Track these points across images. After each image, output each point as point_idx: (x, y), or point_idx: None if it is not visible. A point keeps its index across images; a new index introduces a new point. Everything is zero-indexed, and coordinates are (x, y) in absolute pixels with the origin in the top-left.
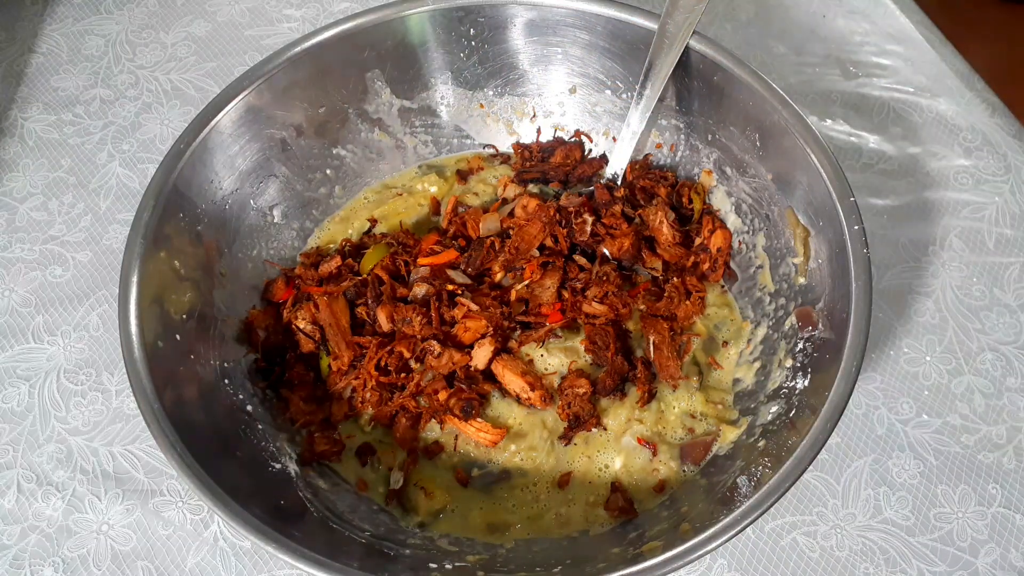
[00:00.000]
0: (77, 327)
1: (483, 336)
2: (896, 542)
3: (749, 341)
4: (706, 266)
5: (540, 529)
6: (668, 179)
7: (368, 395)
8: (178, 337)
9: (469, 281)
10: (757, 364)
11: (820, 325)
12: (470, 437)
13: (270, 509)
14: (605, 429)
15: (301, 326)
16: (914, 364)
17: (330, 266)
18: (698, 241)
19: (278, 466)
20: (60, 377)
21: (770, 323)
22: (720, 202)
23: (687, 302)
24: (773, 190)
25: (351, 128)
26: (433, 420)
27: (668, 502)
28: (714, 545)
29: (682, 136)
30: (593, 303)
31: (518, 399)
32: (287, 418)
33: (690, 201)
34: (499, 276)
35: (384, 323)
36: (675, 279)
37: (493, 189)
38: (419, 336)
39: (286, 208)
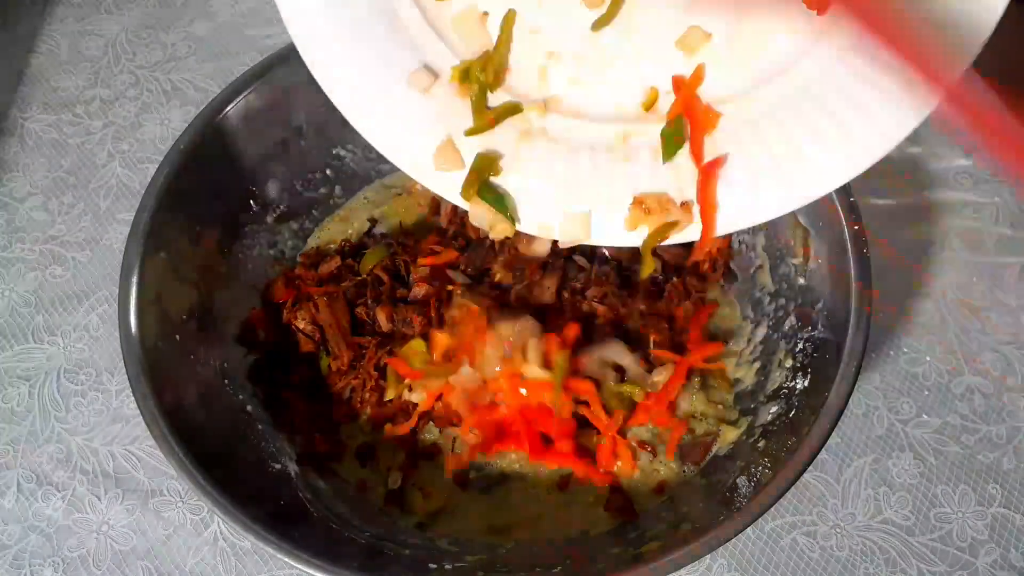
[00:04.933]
0: (77, 327)
1: None
2: (896, 542)
3: (749, 341)
4: (706, 266)
5: (540, 530)
6: None
7: (368, 395)
8: (178, 337)
9: (469, 281)
10: (757, 364)
11: (820, 325)
12: (468, 440)
13: (270, 509)
14: None
15: (301, 326)
16: (914, 364)
17: (330, 266)
18: None
19: (278, 466)
20: (60, 377)
21: (770, 323)
22: None
23: (687, 302)
24: None
25: (351, 128)
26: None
27: (668, 502)
28: (714, 546)
29: None
30: (593, 303)
31: None
32: (287, 418)
33: None
34: (499, 276)
35: (384, 323)
36: (675, 279)
37: None
38: (419, 336)
39: (286, 208)
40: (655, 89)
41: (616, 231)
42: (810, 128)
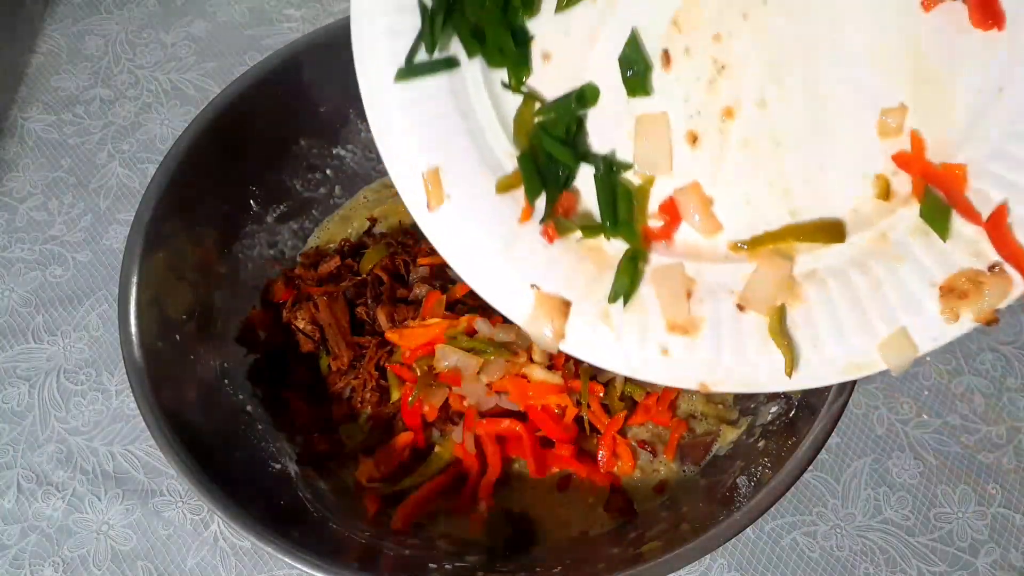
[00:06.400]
0: (77, 327)
1: None
2: (896, 542)
3: None
4: None
5: (540, 531)
6: None
7: (368, 395)
8: (178, 337)
9: None
10: None
11: None
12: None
13: (270, 509)
14: None
15: (301, 326)
16: (914, 364)
17: (330, 266)
18: None
19: (278, 466)
20: (60, 377)
21: None
22: None
23: None
24: None
25: (351, 128)
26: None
27: (668, 502)
28: (714, 546)
29: None
30: None
31: None
32: (287, 418)
33: None
34: None
35: (384, 323)
36: None
37: None
38: None
39: (286, 208)
40: (881, 176)
41: (938, 330)
42: None
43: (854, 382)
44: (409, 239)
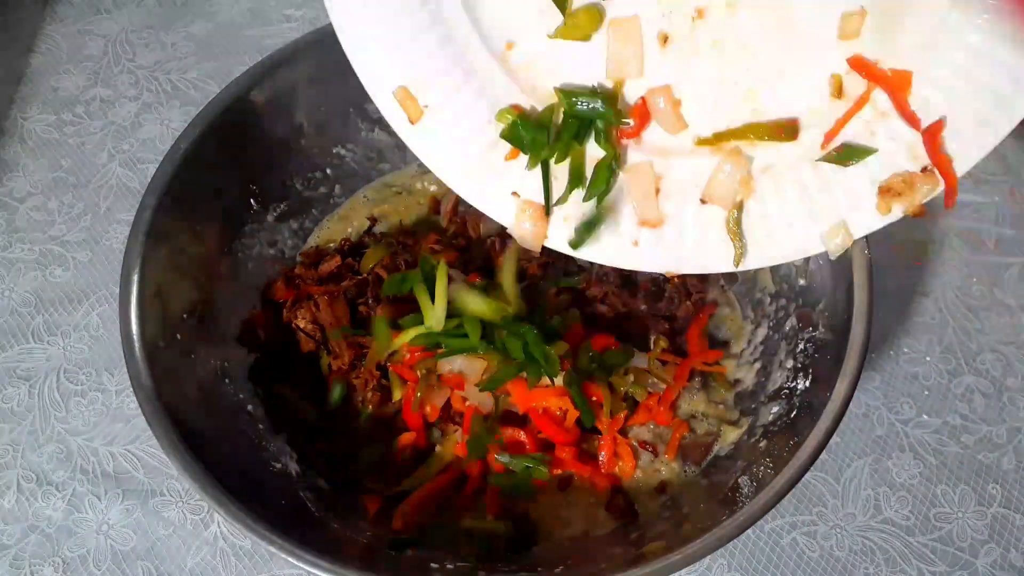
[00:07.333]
0: (77, 327)
1: None
2: (896, 542)
3: (749, 342)
4: None
5: (540, 531)
6: None
7: (369, 395)
8: (179, 336)
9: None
10: (757, 365)
11: (821, 326)
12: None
13: (271, 508)
14: None
15: (302, 325)
16: (914, 364)
17: (330, 265)
18: None
19: (279, 465)
20: (60, 377)
21: (770, 324)
22: None
23: (687, 302)
24: None
25: (351, 127)
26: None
27: (669, 502)
28: (716, 546)
29: None
30: (595, 304)
31: None
32: (288, 418)
33: None
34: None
35: None
36: (675, 279)
37: None
38: None
39: (286, 207)
40: (836, 75)
41: (871, 220)
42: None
43: (856, 383)
44: (410, 239)
